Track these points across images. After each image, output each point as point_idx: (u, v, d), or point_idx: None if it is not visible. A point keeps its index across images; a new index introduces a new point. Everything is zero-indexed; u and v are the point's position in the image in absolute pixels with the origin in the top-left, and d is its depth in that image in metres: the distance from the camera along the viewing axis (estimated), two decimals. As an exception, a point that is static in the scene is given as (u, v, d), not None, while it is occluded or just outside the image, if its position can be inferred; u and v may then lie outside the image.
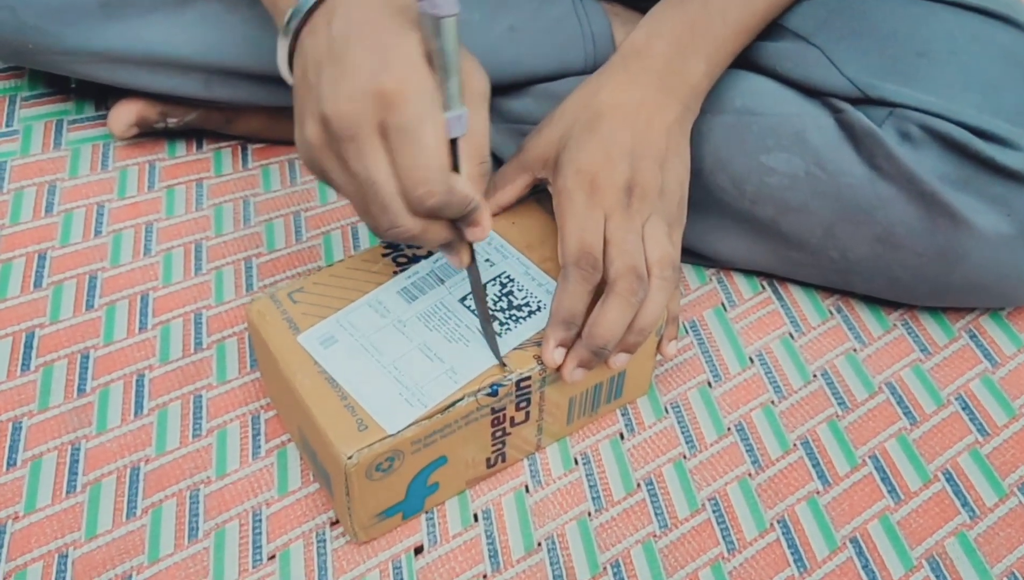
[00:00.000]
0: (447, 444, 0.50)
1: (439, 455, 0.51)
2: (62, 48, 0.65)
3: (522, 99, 0.70)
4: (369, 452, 0.46)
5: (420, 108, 0.43)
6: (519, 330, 0.52)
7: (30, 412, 0.58)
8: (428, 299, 0.53)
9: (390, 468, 0.48)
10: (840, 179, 0.58)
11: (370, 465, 0.47)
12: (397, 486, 0.50)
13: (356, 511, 0.50)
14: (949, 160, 0.57)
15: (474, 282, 0.52)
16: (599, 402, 0.58)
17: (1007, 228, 0.57)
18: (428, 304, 0.53)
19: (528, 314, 0.53)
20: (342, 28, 0.44)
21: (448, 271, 0.55)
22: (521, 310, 0.53)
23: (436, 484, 0.53)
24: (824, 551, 0.54)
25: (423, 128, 0.43)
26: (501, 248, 0.57)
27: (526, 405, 0.52)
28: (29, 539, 0.53)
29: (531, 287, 0.55)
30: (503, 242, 0.57)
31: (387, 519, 0.52)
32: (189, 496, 0.55)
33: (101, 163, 0.74)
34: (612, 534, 0.55)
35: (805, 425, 0.61)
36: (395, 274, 0.55)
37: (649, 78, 0.56)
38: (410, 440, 0.48)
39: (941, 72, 0.58)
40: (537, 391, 0.52)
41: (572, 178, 0.52)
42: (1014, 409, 0.62)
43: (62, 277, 0.66)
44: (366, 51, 0.43)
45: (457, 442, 0.51)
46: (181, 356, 0.62)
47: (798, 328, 0.66)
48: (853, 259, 0.62)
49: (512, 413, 0.52)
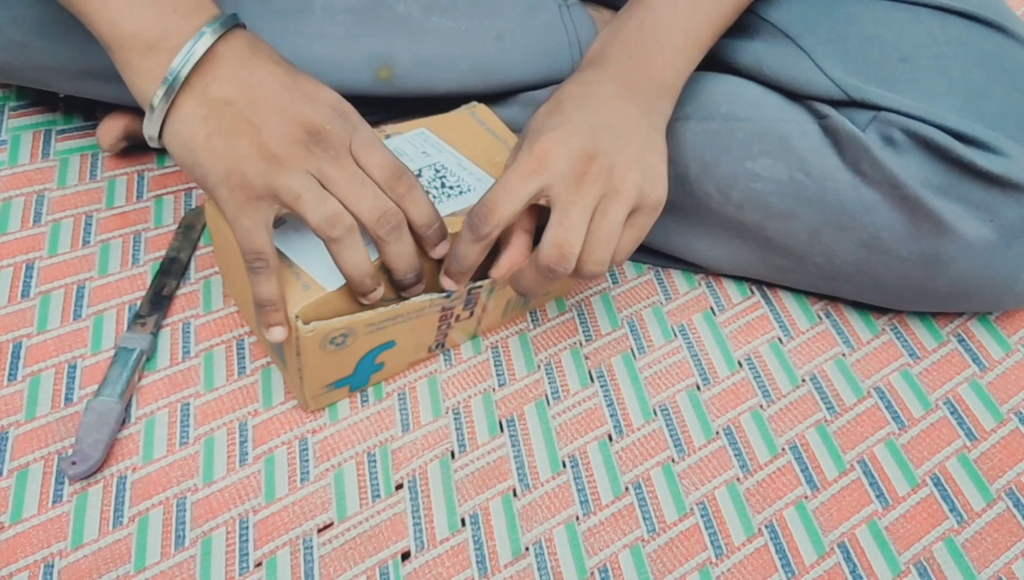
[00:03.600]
0: (397, 330, 0.56)
1: (389, 339, 0.56)
2: (49, 65, 0.65)
3: (509, 107, 0.70)
4: (324, 326, 0.51)
5: (368, 127, 0.51)
6: (450, 204, 0.56)
7: (17, 422, 0.58)
8: None
9: (343, 343, 0.53)
10: (825, 184, 0.59)
11: (324, 337, 0.52)
12: (347, 361, 0.56)
13: (307, 379, 0.55)
14: (932, 165, 0.57)
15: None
16: (528, 302, 0.65)
17: (990, 233, 0.57)
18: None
19: (459, 193, 0.57)
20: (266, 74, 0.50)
21: (416, 159, 0.59)
22: (453, 190, 0.58)
23: (382, 363, 0.59)
24: (812, 556, 0.54)
25: (377, 138, 0.51)
26: (437, 145, 0.61)
27: (472, 305, 0.59)
28: (15, 549, 0.53)
29: (462, 174, 0.59)
30: (439, 140, 0.62)
31: (335, 390, 0.58)
32: (176, 504, 0.55)
33: (89, 173, 0.74)
34: (600, 539, 0.54)
35: (793, 430, 0.61)
36: None
37: (606, 77, 0.56)
38: (364, 322, 0.53)
39: (924, 77, 0.59)
40: (486, 297, 0.59)
41: (525, 148, 0.52)
42: (1002, 413, 0.62)
43: (50, 287, 0.66)
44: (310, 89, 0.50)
45: (406, 330, 0.57)
46: (169, 365, 0.62)
47: (787, 333, 0.66)
48: (839, 264, 0.62)
49: (459, 311, 0.59)
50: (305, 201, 0.48)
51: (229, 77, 0.49)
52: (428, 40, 0.67)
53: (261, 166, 0.48)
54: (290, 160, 0.48)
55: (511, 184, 0.50)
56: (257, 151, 0.48)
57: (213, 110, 0.49)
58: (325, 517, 0.55)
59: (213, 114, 0.49)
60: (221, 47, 0.49)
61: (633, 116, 0.54)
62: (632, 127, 0.53)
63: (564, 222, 0.49)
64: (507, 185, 0.51)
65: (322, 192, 0.48)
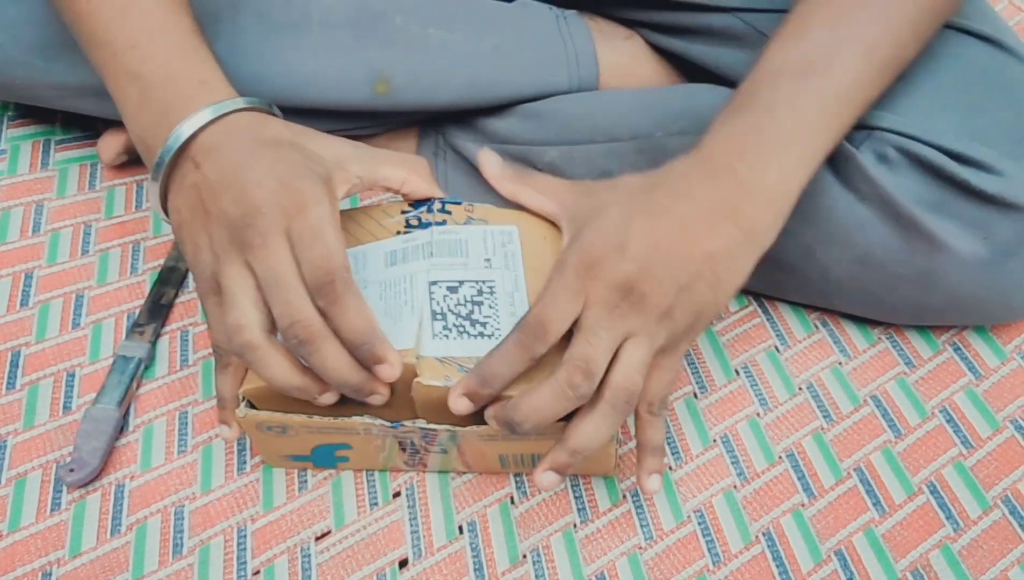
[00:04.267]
0: (348, 437, 0.52)
1: (341, 441, 0.52)
2: (48, 83, 0.66)
3: (506, 119, 0.70)
4: (256, 415, 0.49)
5: (321, 213, 0.45)
6: (457, 343, 0.49)
7: (15, 430, 0.58)
8: (403, 269, 0.52)
9: (284, 432, 0.51)
10: (819, 201, 0.59)
11: (260, 423, 0.50)
12: (299, 445, 0.53)
13: (259, 448, 0.54)
14: (926, 183, 0.57)
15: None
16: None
17: (984, 251, 0.57)
18: (399, 274, 0.51)
19: (477, 335, 0.49)
20: (231, 157, 0.47)
21: (443, 246, 0.52)
22: (473, 327, 0.49)
23: (346, 458, 0.55)
24: (809, 564, 0.54)
25: (326, 229, 0.45)
26: (511, 256, 0.53)
27: (439, 445, 0.52)
28: (13, 557, 0.53)
29: (503, 310, 0.50)
30: (518, 251, 0.53)
31: (297, 462, 0.56)
32: (174, 512, 0.55)
33: (88, 183, 0.74)
34: (597, 546, 0.55)
35: (790, 438, 0.61)
36: (397, 234, 0.54)
37: (708, 191, 0.49)
38: (300, 424, 0.50)
39: (920, 94, 0.59)
40: (448, 442, 0.51)
41: (575, 253, 0.47)
42: (998, 422, 0.62)
43: (49, 296, 0.66)
44: (262, 172, 0.46)
45: (361, 440, 0.52)
46: (167, 373, 0.62)
47: (784, 341, 0.67)
48: (833, 279, 0.62)
49: (423, 445, 0.52)
50: (224, 304, 0.46)
51: (207, 163, 0.48)
52: (425, 54, 0.67)
53: (208, 260, 0.47)
54: (225, 253, 0.46)
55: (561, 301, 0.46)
56: (207, 243, 0.47)
57: (187, 199, 0.48)
58: (323, 525, 0.55)
59: (186, 203, 0.49)
60: (205, 135, 0.49)
61: (715, 257, 0.48)
62: (704, 268, 0.48)
63: (592, 341, 0.46)
64: (556, 300, 0.46)
65: (239, 295, 0.45)
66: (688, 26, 0.69)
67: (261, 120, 0.50)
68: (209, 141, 0.48)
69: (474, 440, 0.51)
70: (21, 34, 0.63)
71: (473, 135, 0.72)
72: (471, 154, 0.71)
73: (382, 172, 0.53)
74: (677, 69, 0.74)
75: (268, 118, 0.51)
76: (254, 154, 0.47)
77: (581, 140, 0.66)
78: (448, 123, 0.74)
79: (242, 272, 0.45)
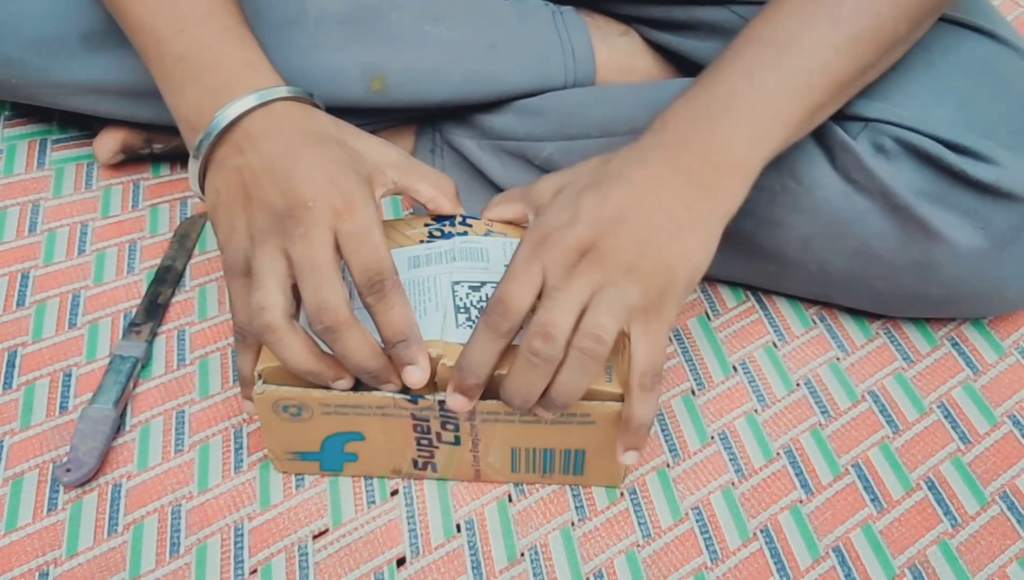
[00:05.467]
0: (363, 423, 0.52)
1: (354, 429, 0.52)
2: (45, 81, 0.65)
3: (503, 115, 0.70)
4: (275, 391, 0.49)
5: (370, 215, 0.47)
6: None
7: (12, 430, 0.58)
8: (427, 271, 0.53)
9: (299, 414, 0.51)
10: (816, 192, 0.59)
11: (276, 401, 0.50)
12: (310, 436, 0.53)
13: (267, 439, 0.54)
14: (923, 174, 0.57)
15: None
16: (551, 468, 0.55)
17: (981, 241, 0.57)
18: (423, 275, 0.52)
19: None
20: (279, 147, 0.49)
21: (465, 253, 0.53)
22: None
23: (355, 455, 0.54)
24: (807, 560, 0.54)
25: (375, 231, 0.47)
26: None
27: (453, 428, 0.52)
28: (10, 557, 0.52)
29: None
30: None
31: (304, 462, 0.55)
32: (171, 511, 0.55)
33: (85, 182, 0.74)
34: (595, 544, 0.55)
35: (788, 434, 0.61)
36: (420, 243, 0.55)
37: (660, 155, 0.50)
38: (318, 400, 0.50)
39: (916, 85, 0.59)
40: (466, 421, 0.51)
41: (530, 233, 0.48)
42: (996, 416, 0.62)
43: (45, 296, 0.66)
44: (309, 167, 0.47)
45: (375, 426, 0.52)
46: (164, 372, 0.62)
47: (781, 337, 0.67)
48: (831, 271, 0.62)
49: (438, 429, 0.52)
50: (251, 285, 0.47)
51: (252, 149, 0.49)
52: (421, 50, 0.67)
53: (242, 242, 0.48)
54: (262, 237, 0.47)
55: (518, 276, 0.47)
56: (244, 226, 0.49)
57: (226, 181, 0.50)
58: (320, 523, 0.55)
59: (225, 184, 0.50)
60: (251, 120, 0.50)
61: (676, 213, 0.48)
62: (660, 220, 0.48)
63: (549, 305, 0.46)
64: (513, 276, 0.47)
65: (269, 278, 0.46)
66: (683, 21, 0.69)
67: (307, 112, 0.51)
68: (255, 127, 0.49)
69: (491, 424, 0.51)
70: (16, 32, 0.63)
71: (470, 131, 0.72)
72: (468, 150, 0.71)
73: (415, 185, 0.54)
74: (673, 64, 0.74)
75: (313, 110, 0.52)
76: (302, 147, 0.49)
77: (578, 135, 0.66)
78: (445, 119, 0.74)
79: (276, 256, 0.46)
